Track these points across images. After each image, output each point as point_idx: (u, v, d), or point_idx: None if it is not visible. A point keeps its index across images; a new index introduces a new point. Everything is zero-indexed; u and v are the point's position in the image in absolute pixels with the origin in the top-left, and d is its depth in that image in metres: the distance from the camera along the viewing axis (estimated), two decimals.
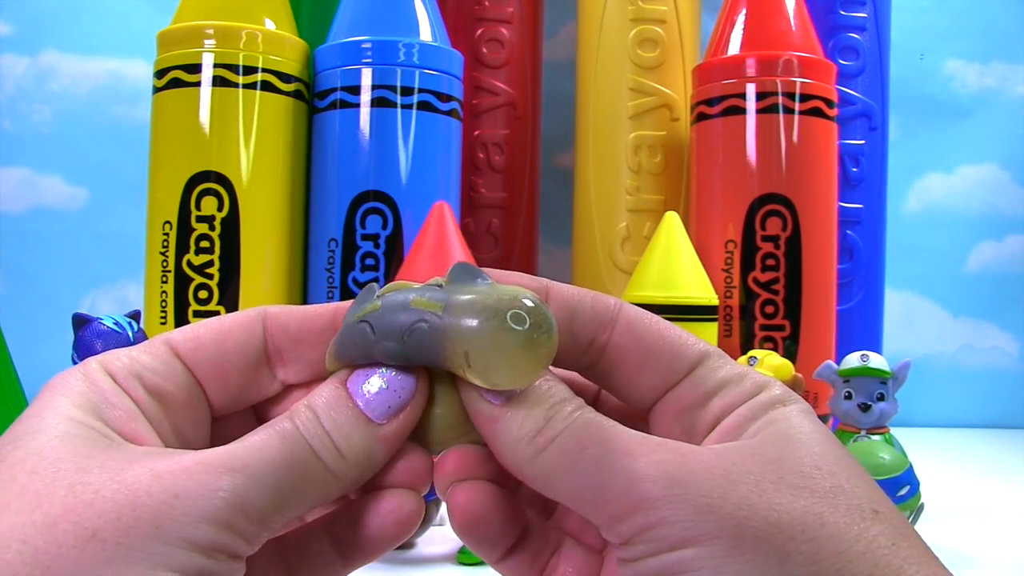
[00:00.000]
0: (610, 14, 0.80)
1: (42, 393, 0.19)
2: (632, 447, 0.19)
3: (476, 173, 0.81)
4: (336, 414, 0.19)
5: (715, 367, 0.22)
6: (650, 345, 0.22)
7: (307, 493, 0.19)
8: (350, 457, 0.19)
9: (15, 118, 0.97)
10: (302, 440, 0.19)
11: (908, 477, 0.48)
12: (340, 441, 0.19)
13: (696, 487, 0.18)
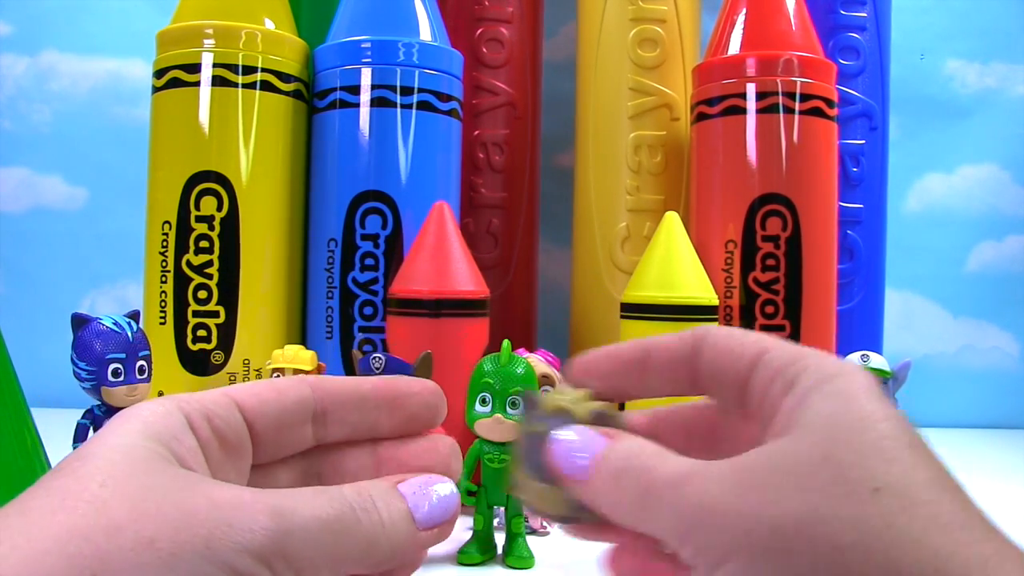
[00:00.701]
0: (610, 14, 0.80)
1: (115, 419, 0.21)
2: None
3: (476, 173, 0.81)
4: (387, 499, 0.21)
5: (768, 360, 0.23)
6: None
7: (343, 553, 0.20)
8: (389, 526, 0.21)
9: (15, 118, 0.97)
10: (349, 505, 0.20)
11: None
12: (384, 514, 0.21)
13: (712, 511, 0.19)
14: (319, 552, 0.19)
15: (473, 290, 0.62)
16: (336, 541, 0.20)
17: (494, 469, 0.47)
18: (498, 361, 0.47)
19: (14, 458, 0.44)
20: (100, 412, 0.52)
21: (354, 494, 0.21)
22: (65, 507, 0.18)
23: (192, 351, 0.66)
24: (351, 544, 0.20)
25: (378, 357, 0.51)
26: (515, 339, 0.54)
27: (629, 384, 0.26)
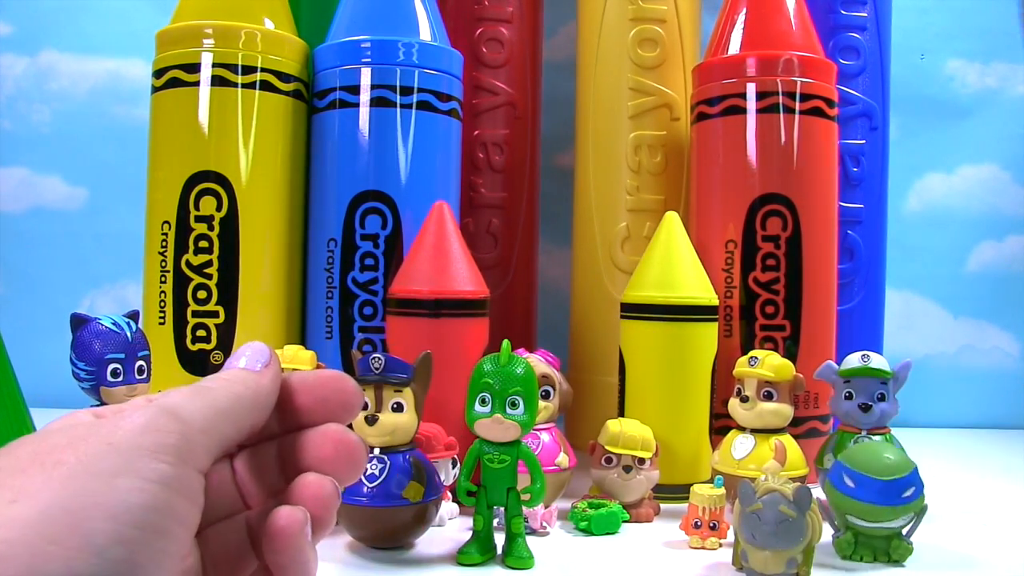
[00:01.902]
0: (610, 14, 0.80)
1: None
2: None
3: (476, 173, 0.81)
4: (227, 372, 0.25)
5: None
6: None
7: (224, 407, 0.23)
8: (249, 382, 0.24)
9: (15, 118, 0.97)
10: (202, 384, 0.24)
11: (914, 479, 0.47)
12: (235, 377, 0.25)
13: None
14: (203, 410, 0.22)
15: (473, 290, 0.62)
16: (208, 401, 0.23)
17: (494, 469, 0.47)
18: (498, 361, 0.47)
19: None
20: None
21: (203, 380, 0.24)
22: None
23: (191, 351, 0.66)
24: (233, 405, 0.23)
25: (378, 357, 0.51)
26: (515, 339, 0.54)
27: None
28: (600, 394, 0.77)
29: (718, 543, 0.51)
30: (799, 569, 0.43)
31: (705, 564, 0.48)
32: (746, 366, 0.59)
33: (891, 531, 0.48)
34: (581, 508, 0.55)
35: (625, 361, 0.65)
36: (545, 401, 0.59)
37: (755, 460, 0.57)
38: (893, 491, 0.47)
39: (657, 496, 0.59)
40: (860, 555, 0.49)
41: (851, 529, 0.49)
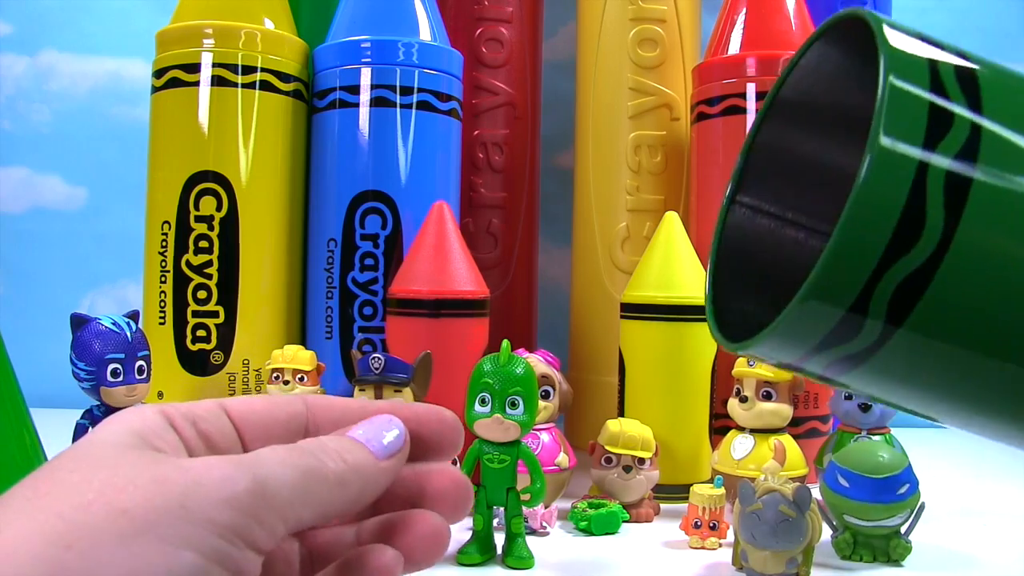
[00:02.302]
0: (610, 14, 0.80)
1: (99, 423, 0.21)
2: None
3: (476, 173, 0.81)
4: (341, 444, 0.22)
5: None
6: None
7: (320, 494, 0.20)
8: (352, 463, 0.21)
9: (15, 118, 0.97)
10: (311, 454, 0.21)
11: (907, 476, 0.47)
12: (346, 456, 0.21)
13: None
14: (297, 495, 0.20)
15: (473, 290, 0.62)
16: (309, 484, 0.20)
17: (493, 469, 0.47)
18: (498, 361, 0.47)
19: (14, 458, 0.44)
20: (99, 412, 0.52)
21: (312, 445, 0.21)
22: (39, 494, 0.18)
23: (192, 351, 0.66)
24: (324, 486, 0.20)
25: (377, 357, 0.51)
26: (515, 339, 0.54)
27: None
28: (600, 394, 0.77)
29: (718, 543, 0.51)
30: (799, 569, 0.43)
31: (705, 564, 0.48)
32: (745, 366, 0.59)
33: (889, 530, 0.48)
34: (581, 508, 0.55)
35: (625, 361, 0.65)
36: (545, 401, 0.59)
37: (755, 460, 0.57)
38: (887, 489, 0.47)
39: (657, 496, 0.59)
40: (859, 555, 0.49)
41: (850, 529, 0.49)
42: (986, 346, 0.19)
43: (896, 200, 0.18)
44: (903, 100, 0.19)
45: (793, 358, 0.21)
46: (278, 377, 0.61)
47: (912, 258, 0.18)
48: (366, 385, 0.52)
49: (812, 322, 0.19)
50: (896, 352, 0.19)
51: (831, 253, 0.18)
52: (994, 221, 0.19)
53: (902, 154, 0.18)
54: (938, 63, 0.20)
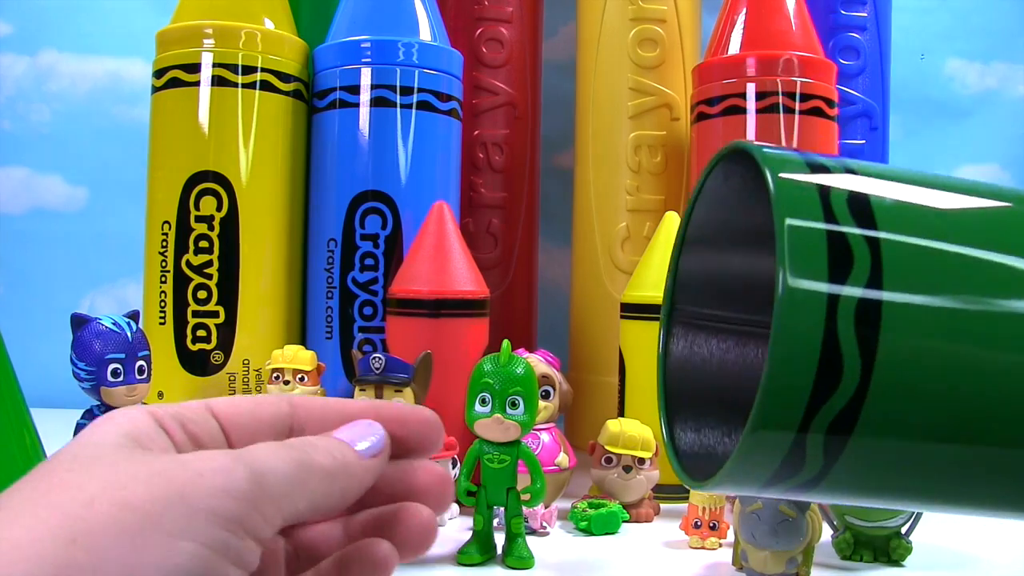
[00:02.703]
0: (610, 14, 0.79)
1: (88, 425, 0.21)
2: None
3: (476, 173, 0.81)
4: (329, 443, 0.22)
5: None
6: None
7: (313, 488, 0.21)
8: (340, 459, 0.22)
9: (15, 118, 0.97)
10: (302, 450, 0.21)
11: None
12: (334, 452, 0.22)
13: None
14: (292, 486, 0.20)
15: (473, 290, 0.62)
16: (302, 476, 0.21)
17: (494, 469, 0.47)
18: (498, 361, 0.47)
19: (14, 458, 0.44)
20: (99, 412, 0.52)
21: (300, 442, 0.22)
22: (39, 493, 0.18)
23: (192, 351, 0.66)
24: (316, 479, 0.21)
25: (378, 357, 0.51)
26: (515, 339, 0.54)
27: None
28: (600, 394, 0.77)
29: (718, 543, 0.51)
30: (799, 569, 0.43)
31: (705, 564, 0.48)
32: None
33: (890, 530, 0.48)
34: (581, 508, 0.55)
35: (625, 361, 0.65)
36: (545, 401, 0.59)
37: None
38: None
39: (657, 496, 0.59)
40: (860, 555, 0.49)
41: (851, 529, 0.49)
42: (926, 449, 0.20)
43: (813, 340, 0.19)
44: (801, 240, 0.19)
45: (753, 491, 0.21)
46: (278, 377, 0.61)
47: (840, 395, 0.19)
48: (366, 385, 0.52)
49: (758, 463, 0.20)
50: (842, 476, 0.20)
51: (760, 406, 0.19)
52: (912, 335, 0.19)
53: (810, 294, 0.19)
54: (829, 191, 0.20)
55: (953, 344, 0.19)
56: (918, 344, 0.19)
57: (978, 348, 0.20)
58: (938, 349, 0.19)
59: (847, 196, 0.20)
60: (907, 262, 0.20)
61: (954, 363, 0.19)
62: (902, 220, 0.20)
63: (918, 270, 0.20)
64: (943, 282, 0.20)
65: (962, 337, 0.19)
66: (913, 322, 0.19)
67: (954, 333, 0.19)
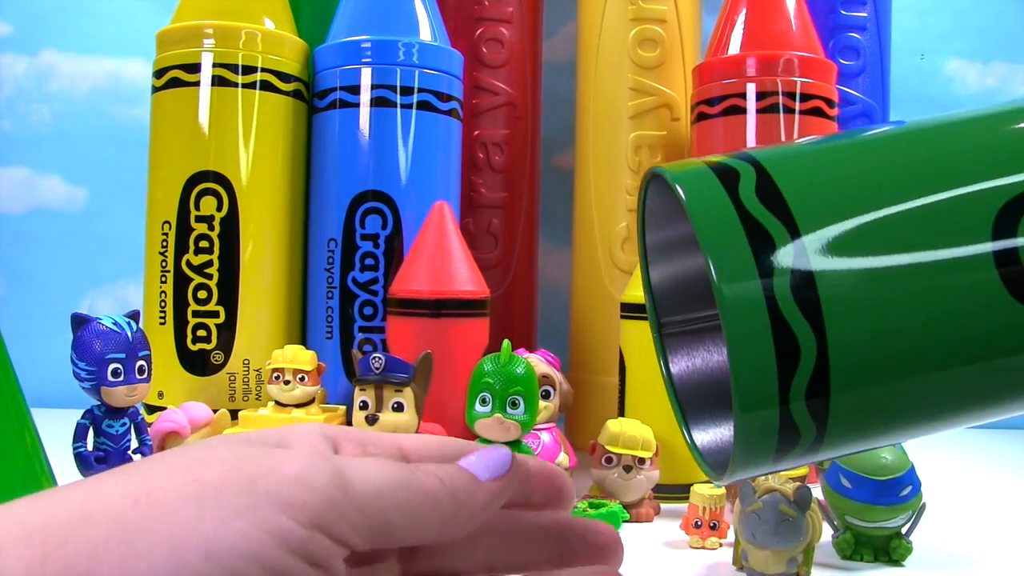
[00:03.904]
0: (610, 14, 0.79)
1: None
2: None
3: (476, 173, 0.81)
4: (443, 467, 0.21)
5: None
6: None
7: (410, 505, 0.20)
8: (448, 482, 0.21)
9: (15, 118, 0.97)
10: (407, 467, 0.21)
11: (910, 477, 0.47)
12: (441, 473, 0.21)
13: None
14: (383, 498, 0.19)
15: (473, 290, 0.62)
16: (397, 491, 0.20)
17: None
18: (498, 361, 0.47)
19: (14, 458, 0.44)
20: (100, 412, 0.52)
21: (414, 465, 0.21)
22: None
23: (192, 351, 0.66)
24: (414, 495, 0.20)
25: (378, 357, 0.51)
26: (515, 339, 0.54)
27: None
28: (600, 394, 0.77)
29: (718, 543, 0.51)
30: (799, 569, 0.43)
31: (705, 564, 0.48)
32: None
33: (891, 530, 0.48)
34: (581, 508, 0.55)
35: (625, 361, 0.65)
36: (545, 401, 0.59)
37: None
38: (890, 490, 0.47)
39: (657, 496, 0.59)
40: (860, 555, 0.49)
41: (851, 529, 0.49)
42: (903, 386, 0.21)
43: (762, 328, 0.20)
44: (723, 243, 0.20)
45: (768, 469, 0.22)
46: (278, 377, 0.61)
47: (804, 364, 0.20)
48: (366, 385, 0.52)
49: (758, 444, 0.21)
50: (839, 433, 0.21)
51: (738, 395, 0.20)
52: (849, 291, 0.20)
53: (744, 290, 0.20)
54: (737, 188, 0.21)
55: (888, 286, 0.20)
56: (857, 297, 0.20)
57: (912, 282, 0.20)
58: (876, 295, 0.20)
59: (755, 187, 0.21)
60: (825, 228, 0.21)
61: (895, 302, 0.20)
62: (811, 192, 0.21)
63: (837, 232, 0.21)
64: (863, 234, 0.21)
65: (894, 277, 0.20)
66: (846, 279, 0.20)
67: (886, 276, 0.20)
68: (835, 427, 0.21)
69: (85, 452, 0.51)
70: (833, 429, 0.21)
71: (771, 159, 0.22)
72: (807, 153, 0.23)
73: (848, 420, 0.21)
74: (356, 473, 0.19)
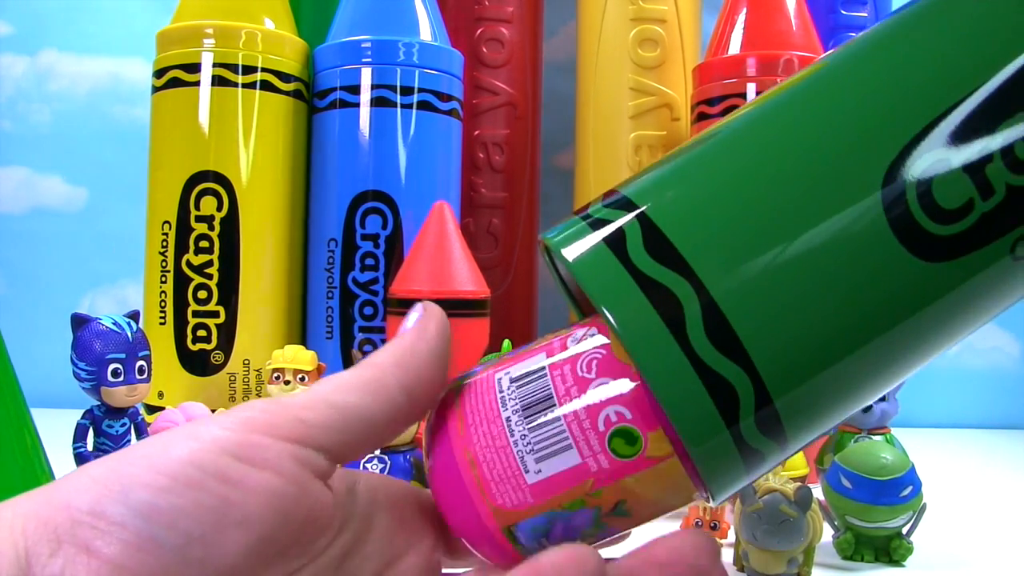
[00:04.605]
0: (610, 14, 0.79)
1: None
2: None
3: (476, 173, 0.81)
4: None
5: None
6: None
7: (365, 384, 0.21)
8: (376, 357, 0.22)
9: (15, 118, 0.97)
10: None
11: (911, 478, 0.47)
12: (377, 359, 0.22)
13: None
14: (334, 395, 0.21)
15: (473, 290, 0.62)
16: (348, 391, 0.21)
17: None
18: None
19: (14, 458, 0.44)
20: (100, 412, 0.52)
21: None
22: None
23: (192, 351, 0.66)
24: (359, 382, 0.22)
25: None
26: (515, 339, 0.54)
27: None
28: None
29: (718, 543, 0.51)
30: (800, 569, 0.43)
31: None
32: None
33: (891, 531, 0.48)
34: None
35: None
36: None
37: None
38: (890, 491, 0.47)
39: None
40: (861, 555, 0.49)
41: (851, 529, 0.49)
42: (843, 372, 0.21)
43: (690, 381, 0.20)
44: (625, 309, 0.20)
45: (748, 480, 0.22)
46: (279, 377, 0.61)
47: (745, 403, 0.20)
48: None
49: (725, 468, 0.21)
50: (798, 434, 0.21)
51: (684, 436, 0.20)
52: (762, 313, 0.20)
53: (661, 349, 0.20)
54: (624, 247, 0.21)
55: (794, 284, 0.20)
56: (770, 310, 0.20)
57: (815, 267, 0.20)
58: (786, 300, 0.20)
59: (642, 241, 0.21)
60: (719, 257, 0.20)
61: (805, 298, 0.20)
62: (697, 226, 0.21)
63: (731, 256, 0.20)
64: (756, 244, 0.20)
65: (797, 272, 0.20)
66: (754, 298, 0.20)
67: (789, 275, 0.20)
68: (794, 432, 0.21)
69: (85, 452, 0.51)
70: (793, 433, 0.21)
71: (652, 201, 0.22)
72: (679, 176, 0.23)
73: (801, 418, 0.21)
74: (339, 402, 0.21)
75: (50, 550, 0.17)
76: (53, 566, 0.17)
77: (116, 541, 0.18)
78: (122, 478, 0.18)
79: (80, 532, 0.18)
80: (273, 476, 0.19)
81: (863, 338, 0.21)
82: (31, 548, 0.17)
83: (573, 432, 0.21)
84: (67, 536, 0.17)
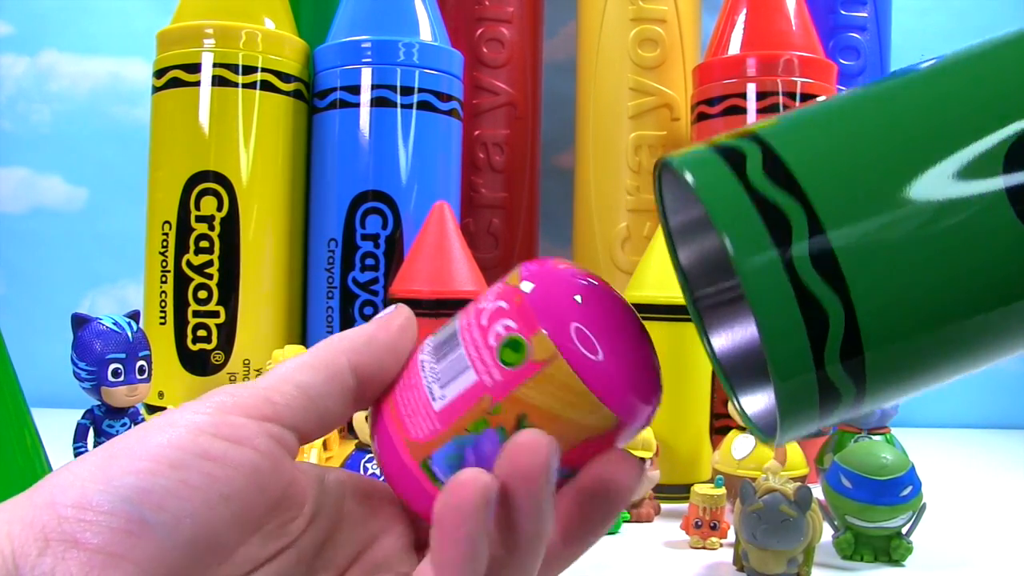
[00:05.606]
0: (610, 14, 0.80)
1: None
2: None
3: (476, 173, 0.81)
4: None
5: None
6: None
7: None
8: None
9: (15, 118, 0.97)
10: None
11: (911, 478, 0.47)
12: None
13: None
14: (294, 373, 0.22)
15: (473, 290, 0.62)
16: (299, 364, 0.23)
17: None
18: None
19: (14, 458, 0.44)
20: (100, 412, 0.52)
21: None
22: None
23: (192, 351, 0.66)
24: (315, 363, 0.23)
25: None
26: None
27: None
28: None
29: (718, 543, 0.51)
30: (800, 569, 0.43)
31: (705, 564, 0.48)
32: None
33: (891, 530, 0.48)
34: None
35: None
36: None
37: (755, 460, 0.57)
38: (890, 490, 0.47)
39: (657, 496, 0.59)
40: (860, 555, 0.49)
41: (851, 529, 0.49)
42: (936, 337, 0.21)
43: (787, 299, 0.20)
44: (736, 222, 0.21)
45: (816, 427, 0.23)
46: None
47: (834, 330, 0.20)
48: None
49: (801, 408, 0.21)
50: (879, 387, 0.22)
51: (774, 372, 0.21)
52: (868, 255, 0.21)
53: (764, 265, 0.20)
54: (744, 168, 0.22)
55: (905, 241, 0.21)
56: (876, 255, 0.21)
57: (928, 233, 0.21)
58: (895, 251, 0.21)
59: (762, 166, 0.21)
60: (836, 199, 0.21)
61: (914, 256, 0.21)
62: (817, 160, 0.22)
63: (848, 195, 0.21)
64: (874, 191, 0.21)
65: (909, 231, 0.21)
66: (863, 240, 0.21)
67: (901, 231, 0.21)
68: (874, 382, 0.21)
69: (85, 452, 0.51)
70: (872, 384, 0.21)
71: (775, 133, 0.22)
72: (809, 120, 0.23)
73: (886, 374, 0.21)
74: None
75: (38, 549, 0.17)
76: (43, 565, 0.17)
77: (104, 530, 0.18)
78: (106, 470, 0.19)
79: (66, 527, 0.18)
80: (252, 452, 0.20)
81: (967, 309, 0.21)
82: (18, 550, 0.17)
83: (470, 354, 0.22)
84: (54, 533, 0.18)
